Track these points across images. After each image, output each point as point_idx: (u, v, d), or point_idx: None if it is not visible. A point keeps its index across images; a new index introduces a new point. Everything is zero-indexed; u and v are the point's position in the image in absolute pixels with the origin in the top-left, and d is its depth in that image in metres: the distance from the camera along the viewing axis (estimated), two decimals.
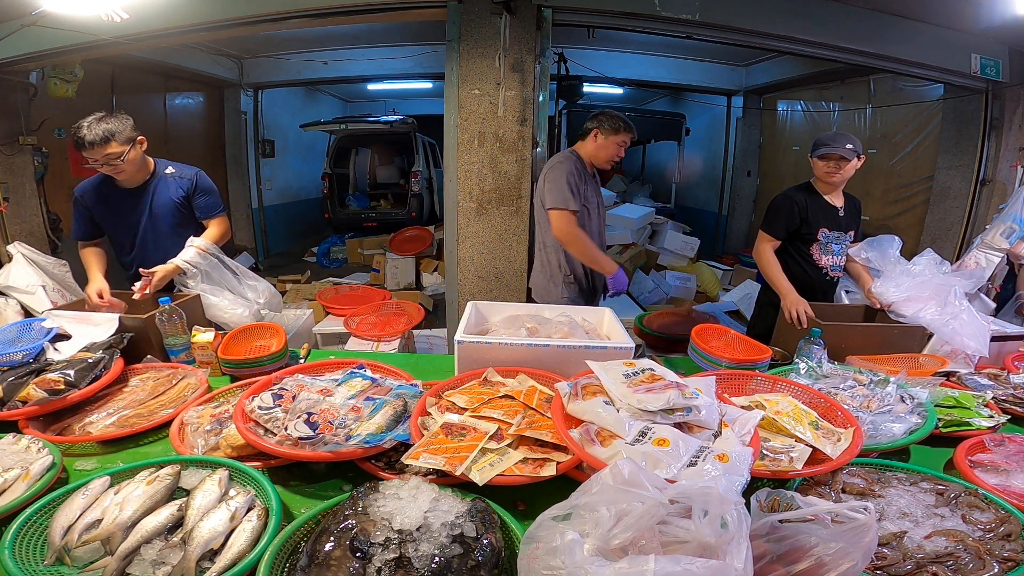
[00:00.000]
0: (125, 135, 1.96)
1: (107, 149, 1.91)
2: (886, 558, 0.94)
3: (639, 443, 1.06)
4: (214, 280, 2.06)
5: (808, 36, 3.45)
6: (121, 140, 1.95)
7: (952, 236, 4.35)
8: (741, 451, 1.06)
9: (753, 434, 1.14)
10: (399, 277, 6.31)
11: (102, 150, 1.91)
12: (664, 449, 1.04)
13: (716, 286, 5.74)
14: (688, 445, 1.05)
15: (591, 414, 1.16)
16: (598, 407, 1.16)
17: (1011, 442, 1.29)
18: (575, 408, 1.19)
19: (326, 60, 6.42)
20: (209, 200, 2.19)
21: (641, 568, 0.68)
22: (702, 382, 1.28)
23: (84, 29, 3.25)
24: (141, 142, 2.04)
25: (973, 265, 3.17)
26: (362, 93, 9.82)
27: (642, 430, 1.09)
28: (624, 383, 1.23)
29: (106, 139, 1.90)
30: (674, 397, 1.15)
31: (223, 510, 0.97)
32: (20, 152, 3.97)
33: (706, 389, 1.23)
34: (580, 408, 1.18)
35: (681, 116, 7.52)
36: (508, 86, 3.16)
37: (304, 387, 1.38)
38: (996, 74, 3.79)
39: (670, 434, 1.07)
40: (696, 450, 1.04)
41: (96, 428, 1.36)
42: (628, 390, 1.20)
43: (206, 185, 2.19)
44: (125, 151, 1.95)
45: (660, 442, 1.06)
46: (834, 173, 2.24)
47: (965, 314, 1.87)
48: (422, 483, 1.00)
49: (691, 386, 1.21)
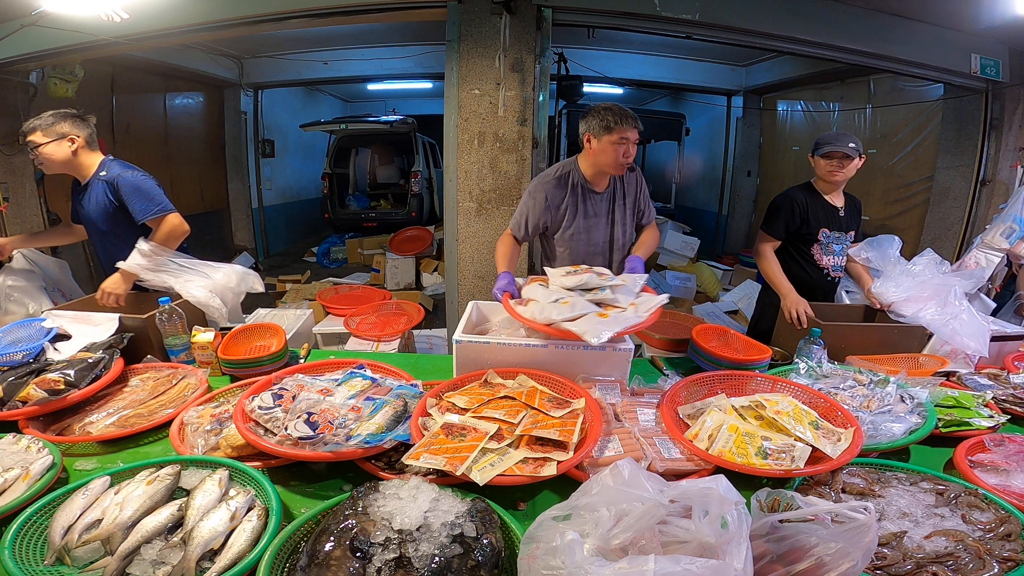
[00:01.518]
0: (54, 130, 2.01)
1: (29, 136, 2.00)
2: (886, 558, 0.94)
3: (550, 304, 1.52)
4: (176, 275, 2.05)
5: (808, 36, 3.45)
6: (46, 132, 2.00)
7: (952, 236, 4.35)
8: (627, 316, 1.47)
9: (654, 312, 1.51)
10: (399, 277, 6.31)
11: (25, 136, 2.01)
12: (563, 306, 1.49)
13: (716, 286, 5.75)
14: (582, 304, 1.50)
15: (528, 290, 1.70)
16: (536, 287, 1.69)
17: (1011, 442, 1.29)
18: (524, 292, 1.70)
19: (326, 60, 6.42)
20: (137, 204, 2.09)
21: (641, 568, 0.68)
22: (631, 278, 1.70)
23: (84, 29, 3.25)
24: (72, 141, 2.04)
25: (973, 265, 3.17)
26: (362, 93, 9.83)
27: (556, 298, 1.55)
28: (561, 273, 1.70)
29: (32, 128, 2.00)
30: (590, 279, 1.61)
31: (223, 510, 0.97)
32: (20, 152, 3.97)
33: (631, 281, 1.67)
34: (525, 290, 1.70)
35: (681, 116, 7.52)
36: (508, 86, 3.16)
37: (304, 387, 1.38)
38: (996, 74, 3.79)
39: (571, 298, 1.52)
40: (583, 307, 1.48)
41: (96, 428, 1.36)
42: (560, 276, 1.68)
43: (128, 188, 2.08)
44: (45, 143, 2.00)
45: (563, 303, 1.52)
46: (837, 172, 2.24)
47: (965, 314, 1.87)
48: (422, 483, 1.00)
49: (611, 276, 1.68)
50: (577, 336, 1.40)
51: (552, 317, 1.45)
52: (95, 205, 2.13)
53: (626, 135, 1.94)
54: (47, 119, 2.01)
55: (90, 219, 2.17)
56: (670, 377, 1.63)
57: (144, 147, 5.84)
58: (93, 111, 2.15)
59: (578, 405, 1.31)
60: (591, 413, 1.28)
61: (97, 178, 2.12)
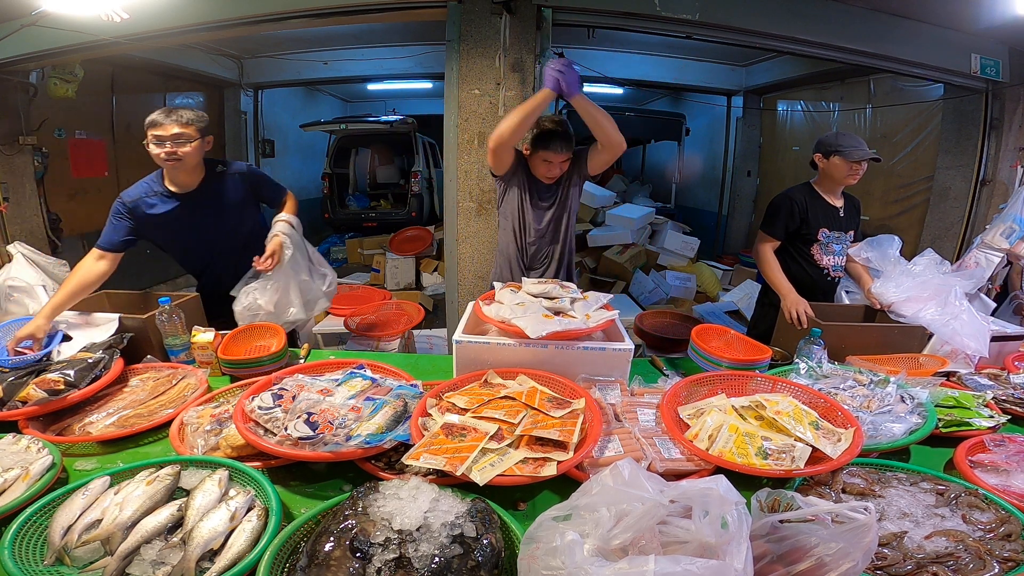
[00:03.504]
0: (205, 127, 1.96)
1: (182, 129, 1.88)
2: (886, 558, 0.94)
3: (512, 305, 1.68)
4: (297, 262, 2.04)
5: (808, 36, 3.45)
6: (199, 128, 1.93)
7: (952, 236, 4.35)
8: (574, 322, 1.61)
9: (602, 323, 1.62)
10: (399, 277, 6.31)
11: (173, 126, 1.87)
12: (519, 307, 1.66)
13: (716, 286, 5.74)
14: (536, 307, 1.66)
15: (500, 294, 1.85)
16: (506, 291, 1.85)
17: (1011, 442, 1.29)
18: (496, 295, 1.85)
19: (326, 60, 6.42)
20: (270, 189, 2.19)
21: (641, 568, 0.68)
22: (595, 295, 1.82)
23: (84, 29, 3.25)
24: (208, 143, 2.01)
25: (973, 265, 3.17)
26: (362, 93, 9.83)
27: (519, 301, 1.73)
28: (532, 282, 1.89)
29: (188, 121, 1.89)
30: (552, 288, 1.80)
31: (223, 510, 0.97)
32: (20, 152, 3.97)
33: (593, 298, 1.79)
34: (498, 294, 1.85)
35: (681, 116, 7.52)
36: (508, 86, 3.16)
37: (304, 387, 1.38)
38: (996, 74, 3.79)
39: (530, 302, 1.71)
40: (535, 310, 1.64)
41: (96, 428, 1.36)
42: (530, 284, 1.87)
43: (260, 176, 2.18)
44: (197, 139, 1.92)
45: (521, 305, 1.68)
46: (858, 175, 2.25)
47: (965, 314, 1.87)
48: (422, 483, 1.00)
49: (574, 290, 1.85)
50: (520, 330, 1.52)
51: (505, 316, 1.61)
52: (229, 201, 2.08)
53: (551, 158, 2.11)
54: (200, 114, 1.94)
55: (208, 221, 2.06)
56: (670, 377, 1.63)
57: (144, 147, 5.83)
58: (93, 111, 2.15)
59: (578, 405, 1.31)
60: (591, 413, 1.28)
61: (228, 174, 2.07)
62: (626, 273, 5.53)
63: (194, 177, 2.02)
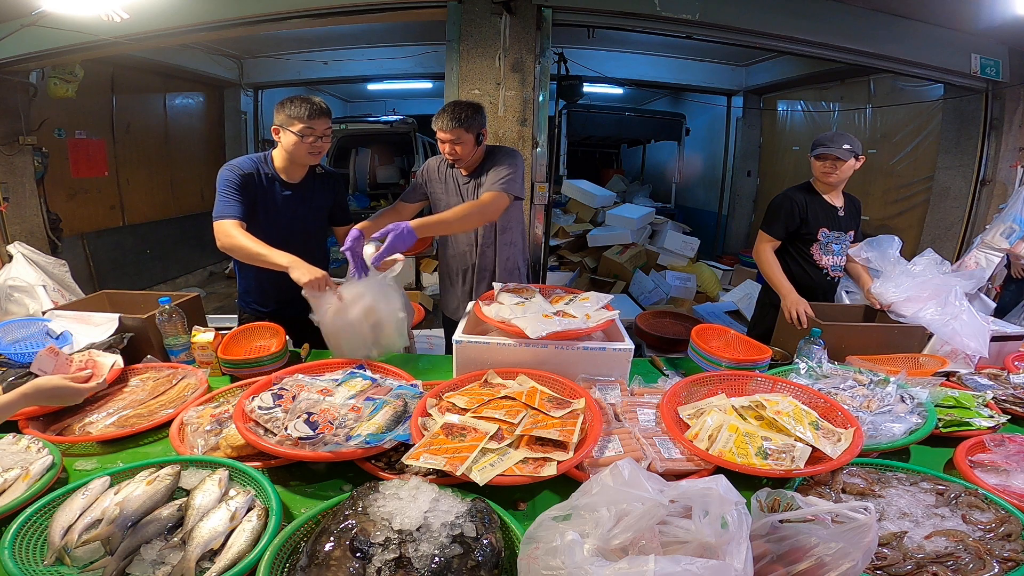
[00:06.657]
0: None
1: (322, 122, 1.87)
2: (886, 558, 0.94)
3: (512, 306, 1.73)
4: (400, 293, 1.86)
5: (808, 36, 3.45)
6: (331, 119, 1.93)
7: (952, 236, 4.35)
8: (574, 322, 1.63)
9: (602, 323, 1.63)
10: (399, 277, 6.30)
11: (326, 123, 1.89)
12: (518, 307, 1.71)
13: (716, 286, 5.74)
14: (535, 308, 1.71)
15: (500, 295, 1.88)
16: (504, 294, 1.90)
17: (1011, 442, 1.29)
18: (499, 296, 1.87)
19: (326, 60, 6.41)
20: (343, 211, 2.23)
21: (641, 568, 0.68)
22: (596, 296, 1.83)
23: (84, 29, 3.25)
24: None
25: (973, 265, 3.17)
26: (362, 93, 9.81)
27: (518, 301, 1.79)
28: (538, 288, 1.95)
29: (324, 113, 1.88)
30: (557, 295, 1.89)
31: (223, 510, 0.97)
32: (20, 152, 3.97)
33: (594, 299, 1.82)
34: (500, 295, 1.87)
35: (681, 116, 7.52)
36: (508, 86, 3.16)
37: (304, 387, 1.38)
38: (996, 74, 3.79)
39: (530, 303, 1.77)
40: (535, 310, 1.69)
41: (96, 428, 1.36)
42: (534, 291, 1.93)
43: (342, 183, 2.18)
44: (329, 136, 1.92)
45: (520, 305, 1.74)
46: (830, 173, 2.24)
47: (965, 314, 1.87)
48: (422, 483, 1.00)
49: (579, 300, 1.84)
50: (520, 330, 1.53)
51: (505, 316, 1.63)
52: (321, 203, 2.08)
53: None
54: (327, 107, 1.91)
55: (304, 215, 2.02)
56: (670, 377, 1.63)
57: (144, 147, 5.84)
58: (93, 111, 2.14)
59: (578, 405, 1.31)
60: (591, 413, 1.28)
61: (325, 177, 2.05)
62: (626, 273, 5.53)
63: (303, 172, 2.03)
